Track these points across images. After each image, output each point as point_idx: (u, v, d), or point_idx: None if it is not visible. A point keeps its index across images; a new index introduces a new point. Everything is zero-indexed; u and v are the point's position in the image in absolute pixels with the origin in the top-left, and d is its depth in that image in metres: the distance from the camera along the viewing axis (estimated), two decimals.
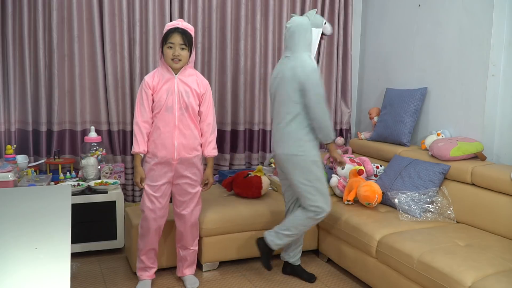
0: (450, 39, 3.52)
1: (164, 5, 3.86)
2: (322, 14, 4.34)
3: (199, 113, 2.78)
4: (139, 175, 2.74)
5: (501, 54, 3.13)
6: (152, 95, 2.69)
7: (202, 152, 2.82)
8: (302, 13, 4.22)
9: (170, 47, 2.63)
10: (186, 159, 2.74)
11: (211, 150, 2.83)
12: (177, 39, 2.62)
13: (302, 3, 4.28)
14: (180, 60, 2.64)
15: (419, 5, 3.83)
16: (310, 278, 3.07)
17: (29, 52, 3.61)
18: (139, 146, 2.70)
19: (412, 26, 3.91)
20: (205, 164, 2.88)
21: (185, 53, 2.65)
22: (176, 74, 2.69)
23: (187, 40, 2.64)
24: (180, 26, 2.66)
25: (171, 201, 2.87)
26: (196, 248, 2.97)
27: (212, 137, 2.82)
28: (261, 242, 2.96)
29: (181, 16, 3.93)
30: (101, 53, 3.75)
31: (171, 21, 3.88)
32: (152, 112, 2.71)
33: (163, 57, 2.69)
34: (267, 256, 2.97)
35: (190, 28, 2.70)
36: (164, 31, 2.69)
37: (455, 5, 3.48)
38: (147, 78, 2.72)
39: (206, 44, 4.05)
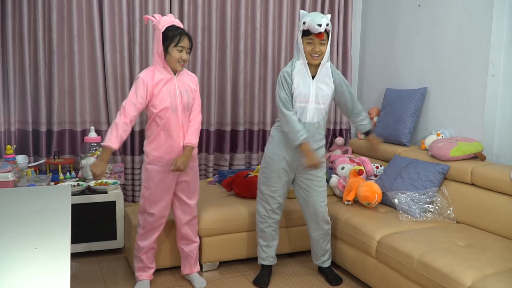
0: (450, 39, 3.52)
1: (164, 5, 3.86)
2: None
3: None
4: (101, 168, 2.56)
5: (501, 54, 3.13)
6: (151, 96, 2.61)
7: (184, 139, 2.71)
8: None
9: (180, 51, 2.61)
10: None
11: (194, 139, 2.72)
12: (187, 43, 2.63)
13: (302, 3, 4.28)
14: (184, 63, 2.66)
15: (419, 5, 3.83)
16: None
17: (29, 52, 3.61)
18: (116, 141, 2.56)
19: (412, 26, 3.91)
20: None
21: (188, 56, 2.67)
22: (175, 75, 2.68)
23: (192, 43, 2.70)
24: (182, 27, 2.67)
25: None
26: (198, 241, 2.99)
27: (199, 125, 2.77)
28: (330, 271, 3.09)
29: (181, 16, 3.93)
30: (101, 53, 3.75)
31: None
32: (155, 113, 2.64)
33: (166, 57, 2.62)
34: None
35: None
36: (163, 28, 2.58)
37: (454, 5, 3.48)
38: (147, 78, 2.59)
39: (206, 44, 4.05)
